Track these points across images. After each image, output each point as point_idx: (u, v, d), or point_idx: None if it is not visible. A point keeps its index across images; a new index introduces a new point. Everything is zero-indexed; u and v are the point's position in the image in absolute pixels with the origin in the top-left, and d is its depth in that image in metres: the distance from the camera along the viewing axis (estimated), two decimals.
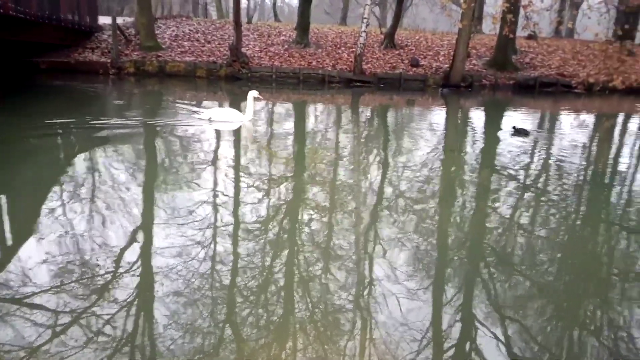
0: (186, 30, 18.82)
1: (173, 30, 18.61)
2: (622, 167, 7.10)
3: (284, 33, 19.29)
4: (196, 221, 3.94)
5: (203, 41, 17.67)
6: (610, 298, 3.20)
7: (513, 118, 11.54)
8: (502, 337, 2.68)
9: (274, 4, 30.13)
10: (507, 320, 2.86)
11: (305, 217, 4.30)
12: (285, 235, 3.94)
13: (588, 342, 2.73)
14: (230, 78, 15.11)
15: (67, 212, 3.99)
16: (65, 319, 2.59)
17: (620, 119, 12.90)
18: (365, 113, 11.60)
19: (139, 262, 3.27)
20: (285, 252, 3.63)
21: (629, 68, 17.19)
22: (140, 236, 3.69)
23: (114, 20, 15.30)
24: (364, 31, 15.17)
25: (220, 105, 10.70)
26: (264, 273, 3.27)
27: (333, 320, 2.78)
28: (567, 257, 3.83)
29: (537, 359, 2.56)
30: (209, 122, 8.05)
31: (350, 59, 16.33)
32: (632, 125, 11.84)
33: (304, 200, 4.76)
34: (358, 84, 15.54)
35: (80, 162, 5.70)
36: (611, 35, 15.46)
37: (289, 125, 8.67)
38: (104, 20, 17.24)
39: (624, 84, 15.41)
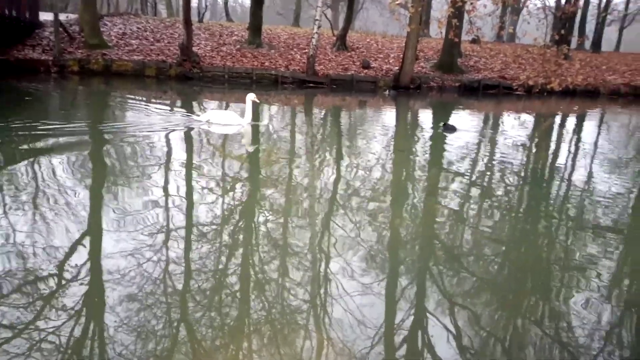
0: (134, 29, 18.22)
1: (120, 28, 17.98)
2: (559, 163, 7.56)
3: (236, 33, 19.09)
4: (147, 225, 3.85)
5: (152, 40, 17.18)
6: (550, 287, 3.41)
7: (459, 118, 12.01)
8: (452, 328, 2.80)
9: (226, 3, 29.73)
10: (457, 311, 2.99)
11: (260, 218, 4.30)
12: (239, 236, 3.93)
13: (531, 330, 2.90)
14: (181, 77, 14.78)
15: (9, 221, 3.79)
16: (7, 333, 2.47)
17: (557, 118, 13.69)
18: (319, 114, 11.69)
19: (88, 269, 3.15)
20: (239, 253, 3.62)
21: (565, 71, 18.29)
22: (88, 242, 3.56)
23: (56, 16, 14.56)
24: (316, 33, 15.27)
25: (171, 105, 10.46)
26: (218, 275, 3.25)
27: (289, 319, 2.80)
28: (510, 250, 4.05)
29: (484, 347, 2.70)
30: (207, 124, 7.96)
31: (303, 60, 16.40)
32: (569, 124, 12.61)
33: (258, 201, 4.75)
34: (311, 84, 15.62)
35: (22, 167, 5.41)
36: (549, 40, 16.36)
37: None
38: (45, 16, 16.35)
39: (561, 86, 16.37)
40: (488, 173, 6.66)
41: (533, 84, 15.90)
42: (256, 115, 8.77)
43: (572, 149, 8.88)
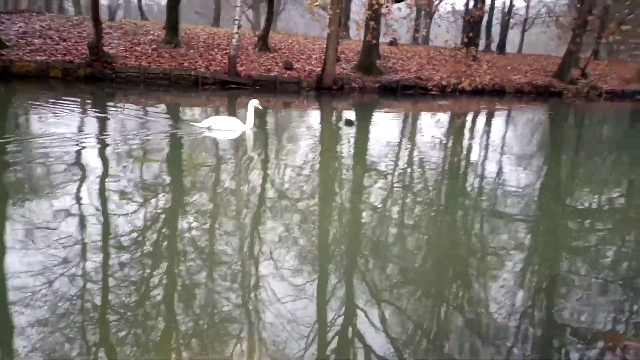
0: (37, 27, 16.80)
1: (20, 27, 16.48)
2: (473, 158, 8.07)
3: (151, 32, 18.27)
4: (59, 239, 3.56)
5: (57, 39, 15.94)
6: (469, 275, 3.62)
7: (378, 117, 12.42)
8: (381, 321, 2.89)
9: (140, 1, 28.36)
10: (385, 304, 3.09)
11: (185, 224, 4.15)
12: (163, 246, 3.76)
13: (453, 316, 3.06)
14: (91, 79, 13.85)
15: None
16: None
17: (469, 116, 14.60)
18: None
19: None
20: (164, 263, 3.47)
21: (474, 72, 19.63)
22: None
23: None
24: (237, 33, 15.04)
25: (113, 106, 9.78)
26: (141, 287, 3.08)
27: (220, 328, 2.73)
28: (432, 242, 4.25)
29: (411, 336, 2.80)
30: (208, 130, 7.85)
31: (224, 61, 16.08)
32: (480, 122, 13.49)
33: (182, 207, 4.58)
34: (233, 86, 15.36)
35: None
36: (459, 43, 17.42)
37: (165, 129, 8.24)
38: None
39: (471, 86, 17.56)
40: (409, 169, 6.95)
41: (446, 84, 16.88)
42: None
43: (484, 144, 9.52)
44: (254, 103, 8.26)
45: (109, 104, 11.05)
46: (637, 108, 19.66)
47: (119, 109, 10.14)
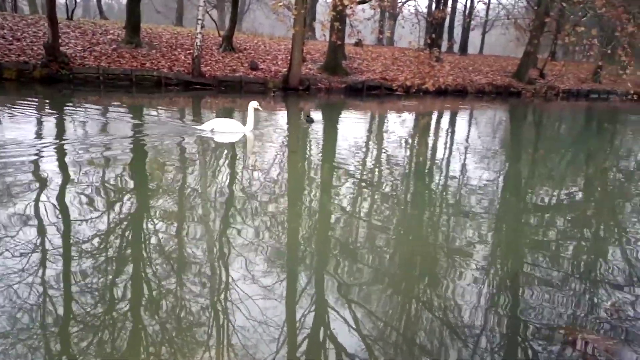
0: None
1: None
2: (438, 157, 8.22)
3: (111, 32, 17.76)
4: (20, 246, 3.40)
5: (11, 38, 15.26)
6: (436, 271, 3.67)
7: (345, 117, 12.50)
8: (351, 319, 2.89)
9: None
10: (355, 302, 3.09)
11: (151, 228, 4.04)
12: (128, 250, 3.65)
13: (422, 313, 3.10)
14: (48, 80, 13.34)
15: None
16: None
17: (433, 116, 14.88)
18: (209, 116, 11.33)
19: None
20: (129, 267, 3.36)
21: (437, 72, 20.03)
22: None
23: None
24: (200, 33, 14.81)
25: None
26: (106, 293, 2.97)
27: (188, 331, 2.66)
28: (400, 240, 4.29)
29: (382, 334, 2.82)
30: (211, 133, 7.90)
31: (188, 61, 15.81)
32: (444, 121, 13.77)
33: (148, 210, 4.47)
34: (198, 86, 15.12)
35: None
36: (423, 44, 17.73)
37: (126, 131, 8.01)
38: None
39: (434, 86, 17.89)
40: (376, 169, 7.01)
41: (410, 85, 17.14)
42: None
43: (448, 143, 9.72)
44: (254, 105, 8.25)
45: (68, 105, 10.67)
46: (591, 107, 20.55)
47: (80, 111, 9.79)
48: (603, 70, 23.86)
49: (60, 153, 6.30)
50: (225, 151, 7.31)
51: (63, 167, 5.72)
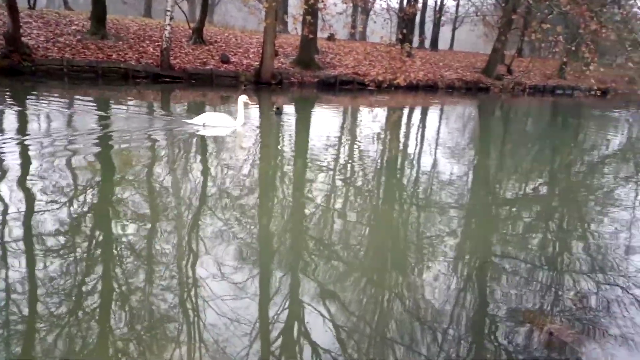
0: None
1: None
2: (409, 151, 8.31)
3: (76, 22, 17.15)
4: None
5: None
6: (407, 263, 3.72)
7: (319, 112, 12.48)
8: (325, 313, 2.89)
9: None
10: (329, 297, 3.10)
11: (119, 224, 3.94)
12: (97, 249, 3.54)
13: (394, 304, 3.13)
14: (8, 71, 12.77)
15: None
16: None
17: (405, 111, 15.02)
18: (180, 110, 11.11)
19: None
20: (98, 266, 3.27)
21: (408, 68, 20.20)
22: None
23: None
24: (169, 24, 14.47)
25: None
26: (72, 292, 2.88)
27: (158, 330, 2.61)
28: (372, 233, 4.32)
29: (355, 327, 2.83)
30: (202, 127, 7.91)
31: (157, 53, 15.44)
32: (415, 116, 13.92)
33: (117, 206, 4.35)
34: (167, 79, 14.79)
35: None
36: (394, 39, 17.85)
37: (93, 125, 7.77)
38: None
39: (406, 82, 18.04)
40: (348, 163, 7.03)
41: (382, 80, 17.24)
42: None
43: (419, 138, 9.83)
44: (243, 99, 8.36)
45: (29, 98, 10.27)
46: (557, 102, 21.16)
47: (46, 104, 9.44)
48: (568, 67, 24.55)
49: (22, 148, 6.05)
50: (191, 146, 7.18)
51: (24, 160, 5.51)
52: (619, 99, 23.43)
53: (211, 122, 8.11)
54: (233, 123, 8.29)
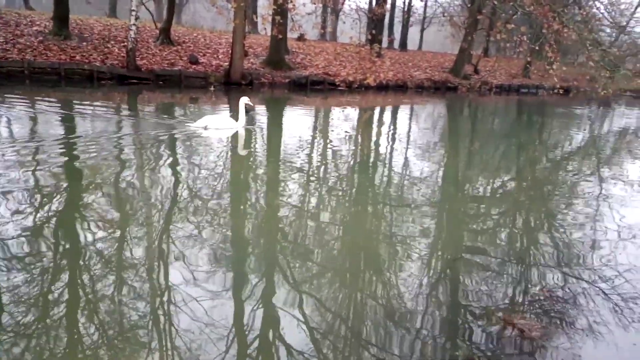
0: None
1: None
2: (381, 151, 8.38)
3: (37, 23, 16.58)
4: None
5: None
6: (381, 262, 3.74)
7: (290, 112, 12.45)
8: (300, 315, 2.88)
9: None
10: (304, 298, 3.08)
11: (87, 230, 3.82)
12: (64, 257, 3.42)
13: (368, 303, 3.14)
14: None
15: None
16: None
17: (376, 111, 15.15)
18: (147, 111, 10.87)
19: None
20: (64, 274, 3.16)
21: (378, 68, 20.40)
22: None
23: None
24: (134, 24, 14.16)
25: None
26: (38, 301, 2.77)
27: (131, 336, 2.55)
28: (346, 233, 4.33)
29: (330, 327, 2.82)
30: (204, 130, 7.99)
31: (123, 54, 15.08)
32: (386, 116, 14.06)
33: (81, 211, 4.21)
34: (134, 80, 14.47)
35: None
36: (364, 40, 17.96)
37: (58, 130, 7.51)
38: None
39: (376, 82, 18.21)
40: (321, 163, 7.03)
41: (353, 80, 17.35)
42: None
43: (390, 137, 9.93)
44: (244, 100, 8.41)
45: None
46: (522, 101, 21.75)
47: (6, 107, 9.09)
48: (532, 66, 25.30)
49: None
50: (162, 151, 7.04)
51: None
52: (580, 97, 24.31)
53: (213, 125, 8.20)
54: (234, 124, 8.39)
